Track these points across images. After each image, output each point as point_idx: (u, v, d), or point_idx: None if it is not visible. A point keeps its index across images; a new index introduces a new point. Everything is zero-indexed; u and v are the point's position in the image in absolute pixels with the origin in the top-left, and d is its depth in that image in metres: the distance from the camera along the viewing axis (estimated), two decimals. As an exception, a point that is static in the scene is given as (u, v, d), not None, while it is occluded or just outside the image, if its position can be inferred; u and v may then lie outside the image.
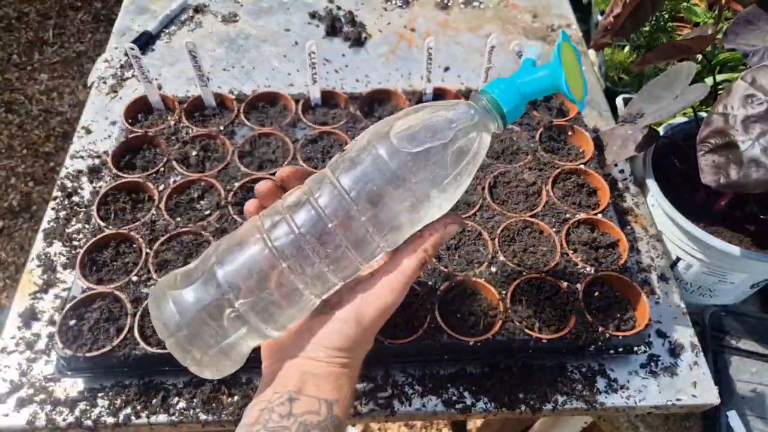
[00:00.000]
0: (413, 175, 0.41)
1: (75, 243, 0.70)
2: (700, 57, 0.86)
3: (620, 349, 0.63)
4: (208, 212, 0.68)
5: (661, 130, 0.77)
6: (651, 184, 0.72)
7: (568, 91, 0.44)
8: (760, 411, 0.70)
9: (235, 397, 0.59)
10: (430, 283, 0.63)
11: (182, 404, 0.59)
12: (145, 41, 0.95)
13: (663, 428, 0.71)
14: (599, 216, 0.71)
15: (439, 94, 0.83)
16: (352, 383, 0.45)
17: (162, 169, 0.72)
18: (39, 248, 0.69)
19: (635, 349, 0.63)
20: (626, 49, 1.00)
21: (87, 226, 0.70)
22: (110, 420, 0.57)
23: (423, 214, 0.43)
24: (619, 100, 0.87)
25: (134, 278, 0.62)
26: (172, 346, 0.43)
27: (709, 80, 0.83)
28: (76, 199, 0.73)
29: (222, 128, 0.77)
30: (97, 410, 0.58)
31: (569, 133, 0.80)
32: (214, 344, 0.42)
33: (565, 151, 0.79)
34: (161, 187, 0.70)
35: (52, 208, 0.73)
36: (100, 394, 0.59)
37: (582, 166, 0.76)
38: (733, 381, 0.72)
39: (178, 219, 0.68)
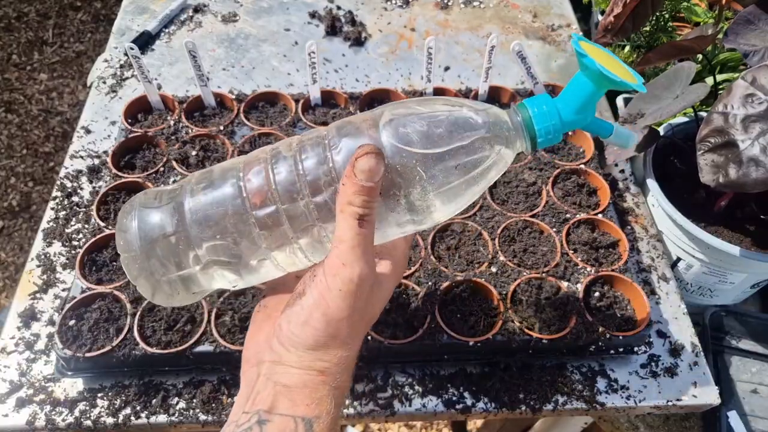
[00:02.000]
0: (405, 164, 0.38)
1: (74, 243, 0.69)
2: (700, 57, 0.86)
3: (620, 349, 0.63)
4: (207, 212, 0.68)
5: (661, 130, 0.77)
6: (651, 184, 0.72)
7: (614, 77, 0.37)
8: (760, 411, 0.70)
9: (235, 398, 0.59)
10: (430, 283, 0.63)
11: (182, 404, 0.59)
12: (145, 41, 0.95)
13: (663, 428, 0.71)
14: (599, 216, 0.71)
15: (440, 94, 0.83)
16: (337, 396, 0.39)
17: (162, 168, 0.72)
18: (38, 248, 0.69)
19: (635, 349, 0.63)
20: (626, 49, 1.00)
21: (87, 226, 0.70)
22: (110, 420, 0.57)
23: (402, 215, 0.40)
24: (619, 100, 0.87)
25: (134, 278, 0.62)
26: (127, 263, 0.41)
27: (709, 80, 0.83)
28: (75, 199, 0.73)
29: (222, 128, 0.77)
30: (96, 410, 0.58)
31: (569, 133, 0.80)
32: (168, 272, 0.41)
33: (565, 151, 0.79)
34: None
35: (52, 208, 0.73)
36: (99, 395, 0.59)
37: (582, 166, 0.75)
38: (734, 381, 0.72)
39: (178, 219, 0.68)
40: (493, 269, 0.65)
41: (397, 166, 0.39)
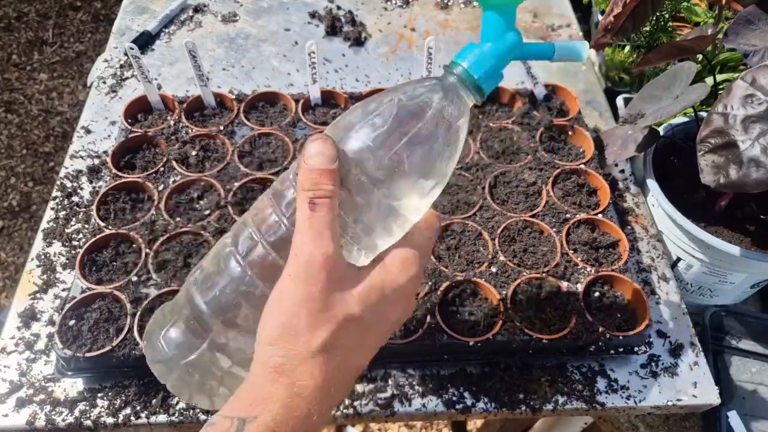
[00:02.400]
0: (360, 148, 0.38)
1: (74, 243, 0.69)
2: (700, 57, 0.86)
3: (620, 350, 0.63)
4: (207, 212, 0.68)
5: (661, 130, 0.77)
6: (651, 184, 0.72)
7: None
8: (760, 411, 0.70)
9: (235, 398, 0.59)
10: (430, 283, 0.63)
11: (182, 404, 0.59)
12: (145, 41, 0.95)
13: (663, 428, 0.70)
14: (599, 216, 0.71)
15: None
16: (295, 395, 0.35)
17: (162, 169, 0.72)
18: (38, 248, 0.69)
19: (635, 349, 0.63)
20: (626, 48, 1.00)
21: (86, 226, 0.70)
22: (110, 420, 0.57)
23: (393, 212, 0.40)
24: (619, 100, 0.87)
25: (134, 278, 0.62)
26: (174, 387, 0.43)
27: (709, 80, 0.83)
28: (75, 199, 0.73)
29: (222, 128, 0.77)
30: (96, 410, 0.58)
31: (569, 133, 0.80)
32: (210, 377, 0.42)
33: (565, 151, 0.79)
34: (161, 187, 0.70)
35: (52, 208, 0.73)
36: (99, 395, 0.59)
37: (582, 166, 0.75)
38: (734, 381, 0.72)
39: (178, 219, 0.68)
40: (493, 269, 0.65)
41: (351, 153, 0.38)
